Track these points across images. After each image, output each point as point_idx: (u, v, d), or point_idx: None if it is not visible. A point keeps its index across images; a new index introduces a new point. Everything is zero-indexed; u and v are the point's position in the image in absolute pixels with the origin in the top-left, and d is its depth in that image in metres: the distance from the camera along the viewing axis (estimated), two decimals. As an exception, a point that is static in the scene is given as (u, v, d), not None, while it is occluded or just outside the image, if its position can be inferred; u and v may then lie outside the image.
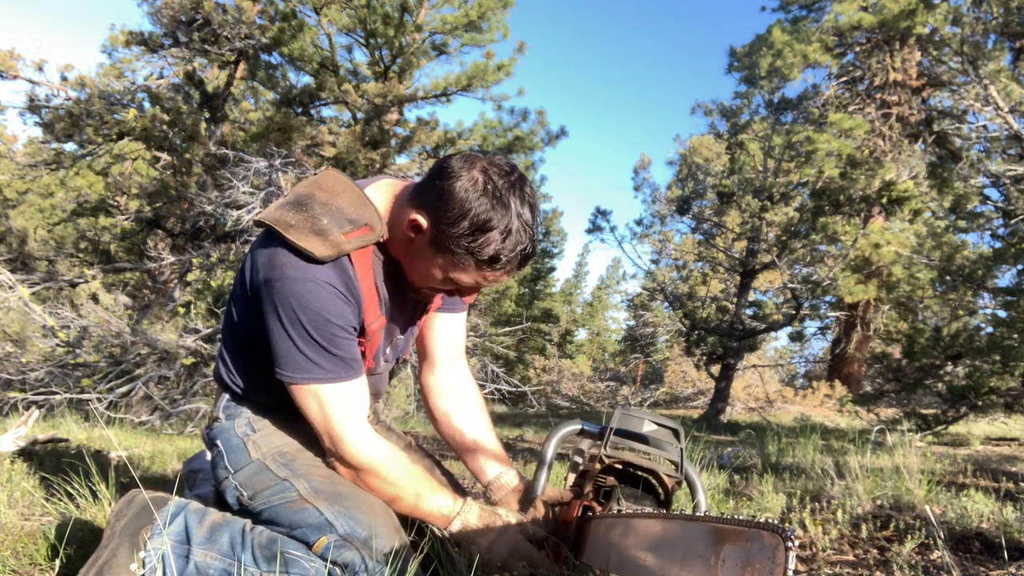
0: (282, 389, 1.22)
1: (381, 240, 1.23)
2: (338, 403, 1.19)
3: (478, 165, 1.14)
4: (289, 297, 1.15)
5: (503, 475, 1.45)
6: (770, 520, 0.79)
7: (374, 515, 1.19)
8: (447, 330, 1.54)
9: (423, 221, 1.16)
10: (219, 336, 6.29)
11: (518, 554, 1.23)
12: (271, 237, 1.19)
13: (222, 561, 1.16)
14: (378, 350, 1.35)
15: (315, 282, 1.15)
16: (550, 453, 1.42)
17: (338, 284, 1.17)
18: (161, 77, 10.10)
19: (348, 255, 1.19)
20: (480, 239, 1.12)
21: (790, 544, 0.71)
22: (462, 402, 1.53)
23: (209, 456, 1.36)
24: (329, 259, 1.16)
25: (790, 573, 0.71)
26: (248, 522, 1.24)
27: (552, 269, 28.45)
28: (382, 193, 1.27)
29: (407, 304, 1.37)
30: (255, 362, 1.29)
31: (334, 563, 1.11)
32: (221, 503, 1.32)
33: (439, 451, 4.54)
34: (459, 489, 1.50)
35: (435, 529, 1.28)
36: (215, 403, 1.39)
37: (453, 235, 1.13)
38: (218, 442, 1.31)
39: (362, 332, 1.26)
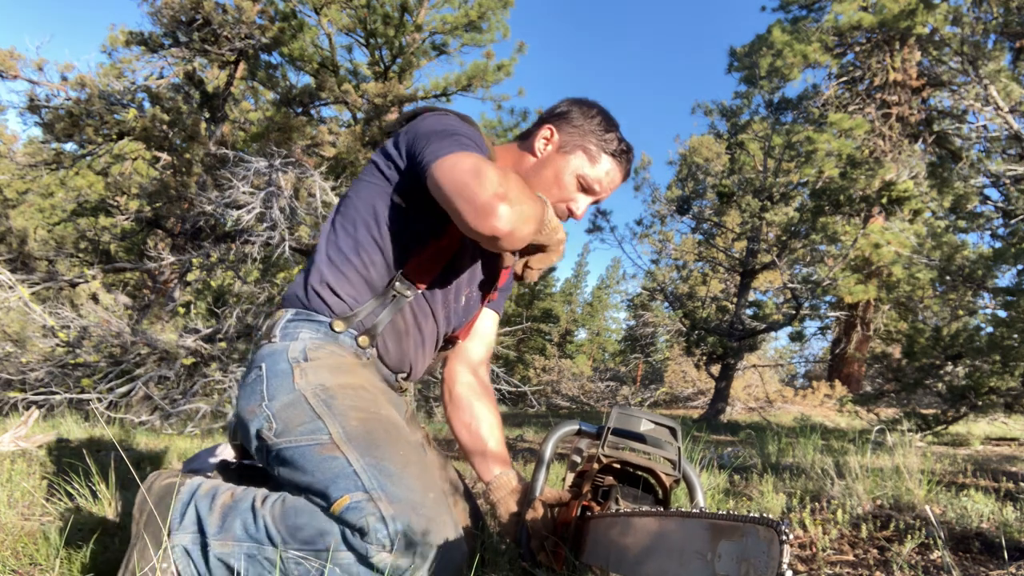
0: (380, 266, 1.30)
1: None
2: (482, 160, 1.15)
3: (583, 98, 1.44)
4: (444, 116, 1.31)
5: (503, 475, 1.46)
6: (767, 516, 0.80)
7: (408, 465, 1.08)
8: (488, 326, 1.60)
9: (554, 129, 1.40)
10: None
11: None
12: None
13: (239, 546, 1.07)
14: (459, 260, 1.37)
15: (468, 124, 1.31)
16: (548, 453, 1.42)
17: None
18: (161, 77, 10.09)
19: None
20: (608, 135, 1.39)
21: (784, 538, 0.72)
22: (481, 397, 1.54)
23: (245, 381, 1.26)
24: (467, 119, 1.34)
25: (785, 566, 0.71)
26: (257, 497, 1.12)
27: (552, 269, 28.46)
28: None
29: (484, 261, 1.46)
30: (365, 241, 1.32)
31: (352, 526, 0.99)
32: (234, 445, 1.29)
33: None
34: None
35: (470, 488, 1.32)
36: (271, 325, 1.32)
37: (586, 130, 1.38)
38: (263, 364, 1.23)
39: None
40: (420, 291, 1.34)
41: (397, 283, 1.31)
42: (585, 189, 1.40)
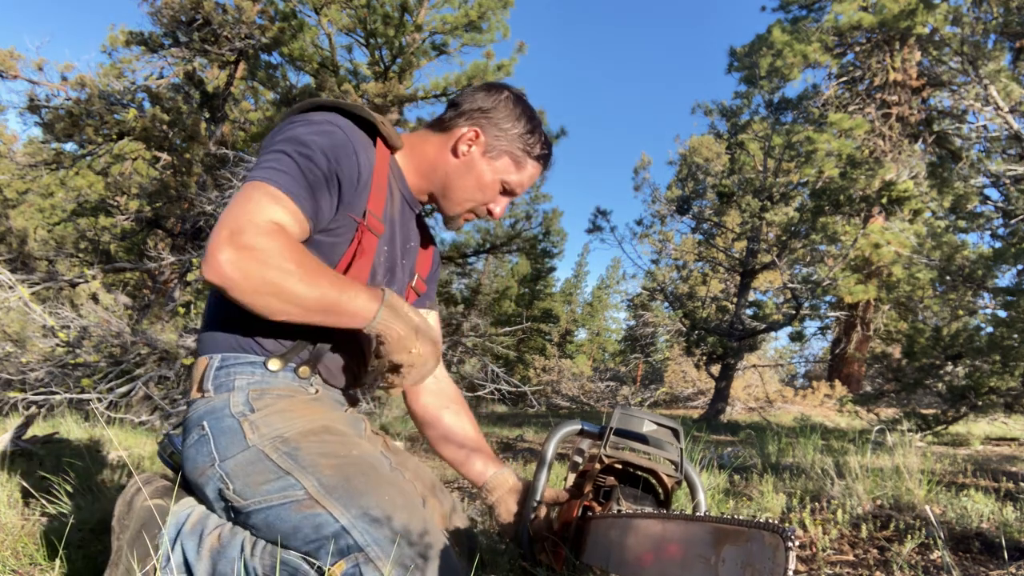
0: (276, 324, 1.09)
1: (397, 153, 1.32)
2: (270, 201, 1.03)
3: (503, 88, 1.35)
4: (299, 124, 1.13)
5: (499, 474, 1.41)
6: (770, 520, 0.79)
7: (397, 510, 1.02)
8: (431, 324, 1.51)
9: (479, 131, 1.30)
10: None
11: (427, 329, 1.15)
12: None
13: None
14: (375, 264, 1.24)
15: (330, 123, 1.15)
16: (550, 453, 1.42)
17: (356, 138, 1.16)
18: (161, 77, 10.09)
19: (375, 140, 1.23)
20: (532, 138, 1.33)
21: (790, 544, 0.71)
22: (448, 402, 1.48)
23: (188, 443, 1.14)
24: (356, 112, 1.20)
25: (790, 573, 0.71)
26: (246, 539, 1.07)
27: (552, 269, 28.50)
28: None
29: (403, 239, 1.35)
30: None
31: None
32: (200, 497, 1.18)
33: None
34: None
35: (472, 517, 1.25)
36: (198, 379, 1.17)
37: (513, 135, 1.31)
38: (204, 423, 1.12)
39: (362, 214, 1.19)
40: None
41: None
42: (506, 191, 1.36)
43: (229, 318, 1.18)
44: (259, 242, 0.97)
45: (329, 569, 0.96)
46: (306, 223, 1.08)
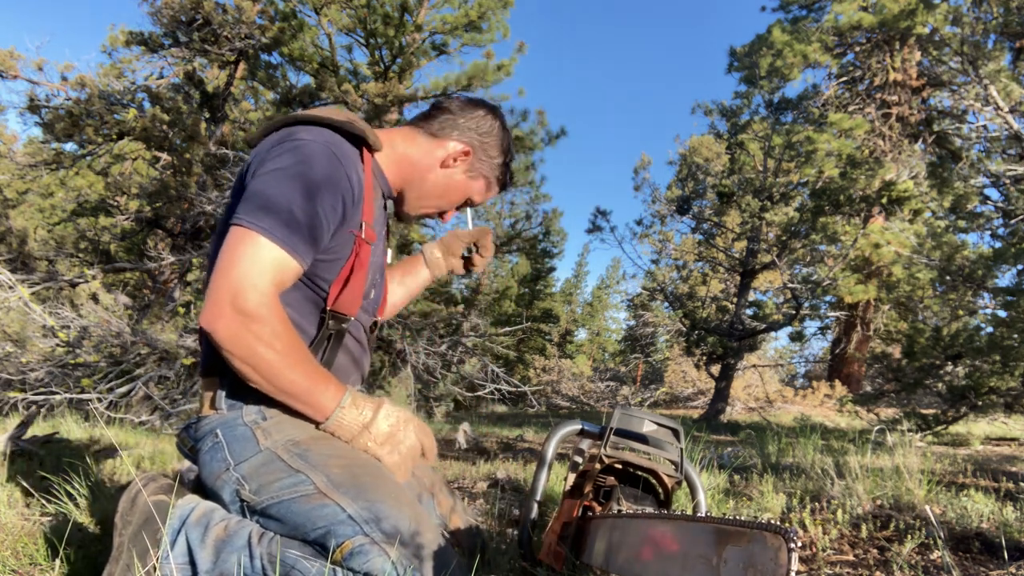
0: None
1: (377, 155, 1.35)
2: (271, 263, 1.06)
3: (497, 113, 1.44)
4: (289, 151, 1.13)
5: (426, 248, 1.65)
6: (771, 520, 0.79)
7: (402, 506, 1.06)
8: None
9: (473, 153, 1.39)
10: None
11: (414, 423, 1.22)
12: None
13: None
14: (371, 267, 1.27)
15: (325, 144, 1.15)
16: (550, 453, 1.42)
17: (346, 155, 1.18)
18: (161, 77, 10.09)
19: (361, 148, 1.26)
20: (506, 170, 1.46)
21: (793, 545, 0.72)
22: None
23: (202, 450, 1.18)
24: (345, 128, 1.21)
25: (793, 574, 0.71)
26: (253, 530, 1.10)
27: (552, 269, 28.50)
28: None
29: (383, 232, 1.41)
30: None
31: (356, 571, 0.99)
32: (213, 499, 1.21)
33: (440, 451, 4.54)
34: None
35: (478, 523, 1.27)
36: (210, 398, 1.21)
37: (495, 164, 1.42)
38: (218, 431, 1.17)
39: (359, 227, 1.22)
40: (353, 318, 1.25)
41: (330, 322, 1.21)
42: (464, 204, 1.46)
43: None
44: (258, 311, 1.03)
45: (338, 548, 1.01)
46: (301, 269, 1.13)
